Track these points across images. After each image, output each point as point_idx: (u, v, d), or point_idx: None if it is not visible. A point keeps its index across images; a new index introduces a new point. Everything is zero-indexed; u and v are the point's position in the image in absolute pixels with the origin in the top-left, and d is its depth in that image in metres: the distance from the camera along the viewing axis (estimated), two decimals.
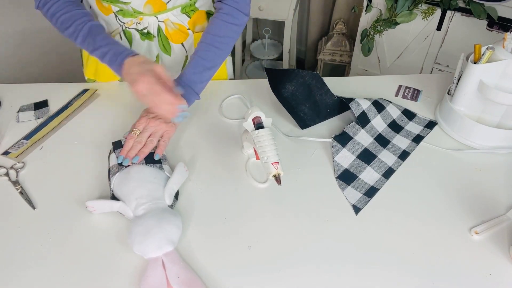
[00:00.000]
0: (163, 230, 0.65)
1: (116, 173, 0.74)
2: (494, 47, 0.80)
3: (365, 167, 0.81)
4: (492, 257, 0.66)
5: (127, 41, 0.93)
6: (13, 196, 0.75)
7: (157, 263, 0.62)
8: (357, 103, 0.87)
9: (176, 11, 0.90)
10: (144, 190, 0.70)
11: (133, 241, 0.64)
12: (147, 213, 0.67)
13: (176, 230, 0.66)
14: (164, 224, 0.65)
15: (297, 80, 0.89)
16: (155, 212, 0.67)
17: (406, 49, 1.74)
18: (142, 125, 0.79)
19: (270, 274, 0.64)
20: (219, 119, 0.92)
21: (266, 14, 1.96)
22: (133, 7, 0.85)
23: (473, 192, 0.76)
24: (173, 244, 0.65)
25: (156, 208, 0.68)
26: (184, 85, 0.83)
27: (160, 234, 0.64)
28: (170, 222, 0.66)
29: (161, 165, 0.76)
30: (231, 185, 0.78)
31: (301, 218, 0.72)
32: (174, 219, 0.67)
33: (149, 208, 0.68)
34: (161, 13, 0.88)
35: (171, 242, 0.65)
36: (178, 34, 0.94)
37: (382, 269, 0.64)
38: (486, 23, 1.49)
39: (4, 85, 1.01)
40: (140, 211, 0.68)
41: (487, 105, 0.85)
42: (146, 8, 0.86)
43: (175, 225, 0.66)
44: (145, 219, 0.66)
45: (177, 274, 0.61)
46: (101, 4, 0.87)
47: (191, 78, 0.84)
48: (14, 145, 0.85)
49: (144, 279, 0.61)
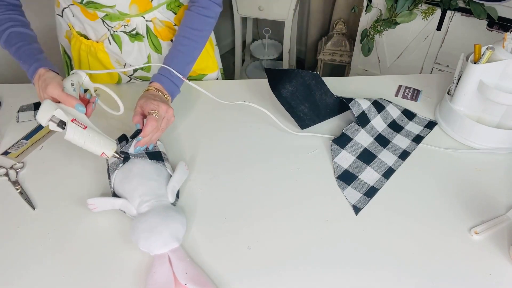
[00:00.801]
0: (168, 227, 0.65)
1: (115, 170, 0.73)
2: (494, 47, 0.80)
3: (365, 167, 0.81)
4: (492, 257, 0.66)
5: (116, 45, 0.92)
6: (13, 196, 0.75)
7: (164, 260, 0.63)
8: (356, 103, 0.87)
9: (162, 8, 0.89)
10: (148, 188, 0.70)
11: (139, 238, 0.64)
12: (151, 210, 0.67)
13: (181, 227, 0.67)
14: (169, 221, 0.66)
15: (297, 80, 0.89)
16: (159, 209, 0.68)
17: (406, 49, 1.74)
18: (157, 109, 0.75)
19: (270, 274, 0.64)
20: (219, 119, 0.92)
21: (266, 14, 1.96)
22: (118, 9, 0.84)
23: (473, 192, 0.76)
24: (179, 241, 0.65)
25: (160, 206, 0.68)
26: (169, 82, 0.83)
27: (166, 231, 0.64)
28: (175, 219, 0.67)
29: (163, 162, 0.76)
30: (231, 185, 0.78)
31: (301, 218, 0.72)
32: (178, 216, 0.68)
33: (153, 206, 0.68)
34: (147, 12, 0.87)
35: (176, 238, 0.65)
36: (167, 31, 0.94)
37: (382, 269, 0.64)
38: (486, 23, 1.49)
39: (4, 85, 1.01)
40: (144, 208, 0.68)
41: (487, 105, 0.85)
42: (132, 9, 0.85)
43: (179, 222, 0.67)
44: (150, 216, 0.66)
45: (184, 270, 0.61)
46: (87, 11, 0.86)
47: (174, 74, 0.83)
48: (14, 145, 0.85)
49: (151, 276, 0.61)
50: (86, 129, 0.69)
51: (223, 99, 0.97)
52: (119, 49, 0.92)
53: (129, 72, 1.00)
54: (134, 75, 1.02)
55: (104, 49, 0.93)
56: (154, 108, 0.75)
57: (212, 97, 0.87)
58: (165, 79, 0.83)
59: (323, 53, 2.07)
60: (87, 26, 0.90)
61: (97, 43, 0.92)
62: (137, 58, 0.95)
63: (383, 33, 1.73)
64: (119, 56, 0.94)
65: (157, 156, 0.76)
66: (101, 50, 0.94)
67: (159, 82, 0.82)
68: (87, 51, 0.95)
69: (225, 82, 1.06)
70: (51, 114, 0.67)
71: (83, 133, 0.69)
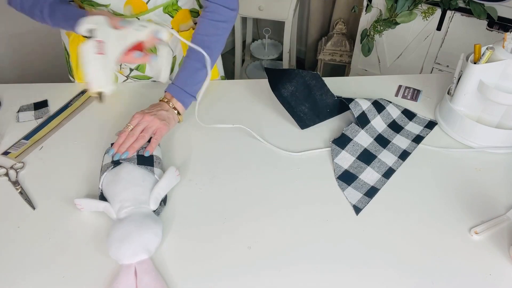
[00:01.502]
0: (141, 237, 0.63)
1: (105, 172, 0.73)
2: (494, 47, 0.80)
3: (365, 167, 0.81)
4: (492, 257, 0.66)
5: None
6: (13, 196, 0.75)
7: (129, 271, 0.61)
8: (357, 104, 0.87)
9: (158, 11, 0.89)
10: (130, 193, 0.69)
11: (110, 246, 0.63)
12: (128, 217, 0.66)
13: (154, 238, 0.65)
14: (142, 231, 0.64)
15: (297, 80, 0.89)
16: (136, 216, 0.66)
17: (406, 49, 1.74)
18: (136, 120, 0.79)
19: (270, 274, 0.64)
20: (218, 119, 0.92)
21: (266, 14, 1.96)
22: (113, 9, 0.84)
23: (473, 192, 0.76)
24: (149, 253, 0.64)
25: (138, 213, 0.67)
26: (178, 89, 0.84)
27: (137, 241, 0.63)
28: (149, 229, 0.65)
29: (152, 167, 0.74)
30: (231, 185, 0.78)
31: (301, 218, 0.72)
32: (154, 226, 0.65)
33: (131, 212, 0.67)
34: (142, 14, 0.87)
35: (147, 250, 0.63)
36: None
37: (382, 269, 0.64)
38: (486, 23, 1.49)
39: (4, 85, 1.01)
40: (122, 214, 0.67)
41: (487, 105, 0.85)
42: (126, 9, 0.84)
43: (153, 233, 0.65)
44: (125, 224, 0.65)
45: (147, 285, 0.60)
46: (81, 7, 0.86)
47: (184, 81, 0.85)
48: (14, 145, 0.85)
49: (114, 286, 0.60)
50: (100, 55, 0.69)
51: (223, 99, 0.98)
52: None
53: (125, 72, 1.00)
54: (131, 75, 1.02)
55: None
56: (134, 121, 0.79)
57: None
58: (174, 88, 0.85)
59: (323, 53, 2.07)
60: None
61: None
62: None
63: (383, 33, 1.73)
64: None
65: (147, 160, 0.75)
66: None
67: (168, 91, 0.86)
68: None
69: (225, 82, 1.06)
70: (93, 24, 0.69)
71: (93, 56, 0.69)
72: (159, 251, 0.67)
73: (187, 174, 0.79)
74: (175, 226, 0.71)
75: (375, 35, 1.74)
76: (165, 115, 0.82)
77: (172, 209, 0.73)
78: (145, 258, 0.63)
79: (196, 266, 0.65)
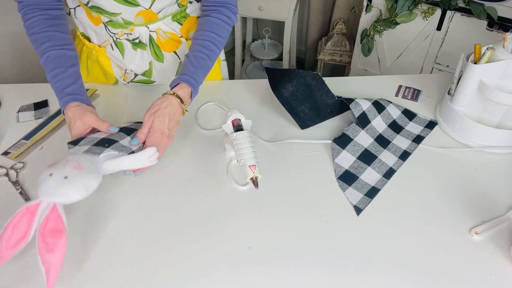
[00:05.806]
0: (84, 180, 0.63)
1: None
2: (494, 47, 0.80)
3: (365, 167, 0.81)
4: (492, 257, 0.66)
5: (119, 51, 0.92)
6: (13, 196, 0.75)
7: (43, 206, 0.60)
8: (357, 104, 0.87)
9: (167, 19, 0.89)
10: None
11: (44, 171, 0.65)
12: (86, 155, 0.67)
13: (80, 189, 0.63)
14: (83, 176, 0.63)
15: (298, 80, 0.89)
16: (89, 158, 0.67)
17: (406, 49, 1.74)
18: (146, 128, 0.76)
19: (271, 274, 0.64)
20: (218, 118, 0.92)
21: (266, 14, 1.96)
22: (123, 17, 0.84)
23: (473, 192, 0.76)
24: (68, 199, 0.62)
25: (93, 159, 0.67)
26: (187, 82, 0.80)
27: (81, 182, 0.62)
28: (86, 179, 0.63)
29: (108, 148, 0.71)
30: (231, 185, 0.78)
31: (302, 218, 0.72)
32: (89, 179, 0.64)
33: (93, 152, 0.68)
34: (152, 23, 0.88)
35: (66, 195, 0.61)
36: (170, 43, 0.93)
37: (382, 269, 0.64)
38: (486, 23, 1.49)
39: (4, 85, 1.01)
40: (83, 149, 0.69)
41: (487, 105, 0.85)
42: (137, 19, 0.85)
43: (84, 185, 0.63)
44: (79, 158, 0.66)
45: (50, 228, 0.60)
46: (91, 15, 0.86)
47: (196, 76, 0.81)
48: (14, 145, 0.85)
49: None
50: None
51: (222, 99, 0.98)
52: (121, 56, 0.92)
53: (129, 77, 1.00)
54: (134, 80, 1.01)
55: (106, 54, 0.93)
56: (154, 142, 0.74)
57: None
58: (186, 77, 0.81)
59: (323, 53, 2.07)
60: (89, 31, 0.90)
61: (99, 47, 0.92)
62: (139, 65, 0.95)
63: (383, 33, 1.73)
64: (121, 61, 0.94)
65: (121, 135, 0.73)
66: (103, 54, 0.94)
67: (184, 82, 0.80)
68: (87, 53, 0.95)
69: (225, 82, 1.06)
70: None
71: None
72: (159, 251, 0.67)
73: (187, 174, 0.79)
74: (175, 226, 0.71)
75: (375, 35, 1.74)
76: (172, 112, 0.77)
77: (172, 209, 0.73)
78: (61, 201, 0.61)
79: (196, 266, 0.65)
